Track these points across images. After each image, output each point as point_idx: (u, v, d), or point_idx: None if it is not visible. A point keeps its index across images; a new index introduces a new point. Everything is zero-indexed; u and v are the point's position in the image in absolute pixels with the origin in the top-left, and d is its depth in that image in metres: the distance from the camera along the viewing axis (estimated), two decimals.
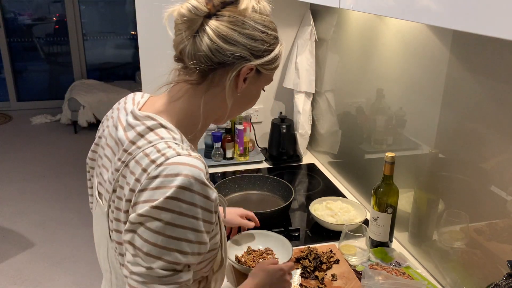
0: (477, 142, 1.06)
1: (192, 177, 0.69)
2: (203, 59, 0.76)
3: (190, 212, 0.69)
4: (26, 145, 4.44)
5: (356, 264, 1.26)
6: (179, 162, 0.70)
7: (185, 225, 0.69)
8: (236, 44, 0.76)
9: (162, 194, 0.68)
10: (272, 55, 0.81)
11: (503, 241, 1.00)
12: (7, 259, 2.73)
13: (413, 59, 1.29)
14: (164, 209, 0.68)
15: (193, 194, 0.69)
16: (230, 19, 0.77)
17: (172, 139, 0.75)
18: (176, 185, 0.68)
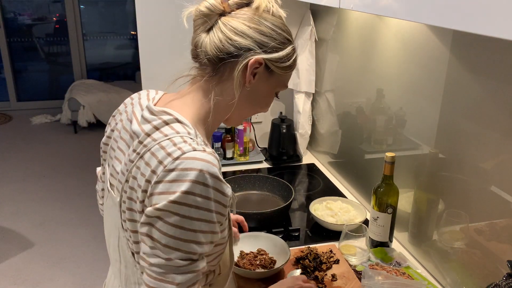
0: (477, 142, 1.06)
1: (206, 172, 0.71)
2: (214, 50, 0.81)
3: (205, 205, 0.72)
4: (26, 145, 4.44)
5: (356, 264, 1.26)
6: (195, 157, 0.72)
7: (200, 218, 0.72)
8: (244, 36, 0.80)
9: (178, 187, 0.70)
10: (282, 53, 0.83)
11: (503, 241, 1.00)
12: (7, 259, 2.73)
13: (413, 59, 1.29)
14: (181, 203, 0.70)
15: (207, 188, 0.72)
16: (242, 15, 0.82)
17: (187, 134, 0.77)
18: (192, 179, 0.70)
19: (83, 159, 4.09)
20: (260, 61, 0.81)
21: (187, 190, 0.70)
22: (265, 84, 0.85)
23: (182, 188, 0.70)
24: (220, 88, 0.84)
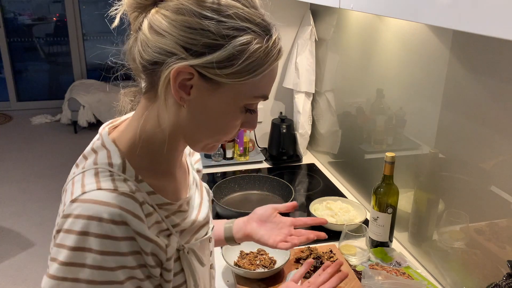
0: (477, 142, 1.06)
1: (97, 218, 0.56)
2: (137, 58, 0.62)
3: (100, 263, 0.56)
4: (26, 145, 4.43)
5: (356, 264, 1.26)
6: (92, 199, 0.57)
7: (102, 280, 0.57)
8: (165, 36, 0.58)
9: (68, 241, 0.56)
10: (221, 53, 0.57)
11: (503, 241, 1.00)
12: (7, 259, 2.73)
13: (413, 59, 1.29)
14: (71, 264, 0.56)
15: (106, 240, 0.56)
16: (171, 4, 0.59)
17: (107, 165, 0.62)
18: (78, 230, 0.56)
19: None
20: (186, 70, 0.58)
21: (76, 245, 0.56)
22: (213, 99, 0.61)
23: (70, 243, 0.56)
24: (160, 106, 0.64)
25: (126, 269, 0.59)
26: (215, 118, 0.63)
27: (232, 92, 0.61)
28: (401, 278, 1.15)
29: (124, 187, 0.60)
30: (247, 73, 0.60)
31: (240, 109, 0.63)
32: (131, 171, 0.64)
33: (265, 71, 0.61)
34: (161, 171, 0.70)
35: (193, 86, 0.60)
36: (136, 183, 0.63)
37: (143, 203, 0.62)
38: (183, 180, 0.78)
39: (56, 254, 0.57)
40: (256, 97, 0.63)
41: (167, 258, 0.65)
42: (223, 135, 0.66)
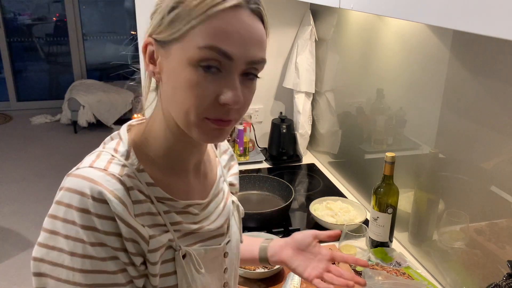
0: (477, 142, 1.06)
1: (80, 192, 0.59)
2: None
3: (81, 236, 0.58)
4: (26, 145, 4.43)
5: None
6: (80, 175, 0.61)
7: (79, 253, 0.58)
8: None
9: (57, 212, 0.60)
10: (160, 12, 0.61)
11: (503, 241, 1.00)
12: (7, 259, 2.73)
13: (413, 59, 1.29)
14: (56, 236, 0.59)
15: (80, 213, 0.58)
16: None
17: (112, 150, 0.67)
18: (65, 202, 0.60)
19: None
20: (148, 42, 0.63)
21: (63, 217, 0.59)
22: (170, 63, 0.61)
23: (58, 213, 0.60)
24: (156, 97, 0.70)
25: (108, 248, 0.59)
26: (178, 84, 0.60)
27: (179, 49, 0.59)
28: (401, 278, 1.15)
29: (115, 169, 0.62)
30: (178, 24, 0.58)
31: (192, 65, 0.58)
32: (133, 160, 0.66)
33: (197, 18, 0.57)
34: (169, 167, 0.70)
35: (158, 56, 0.63)
36: (135, 171, 0.65)
37: (131, 188, 0.63)
38: (202, 186, 0.77)
39: (46, 224, 0.61)
40: (200, 49, 0.57)
41: (149, 250, 0.64)
42: (191, 103, 0.60)
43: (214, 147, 0.86)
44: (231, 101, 0.59)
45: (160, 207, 0.67)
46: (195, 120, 0.61)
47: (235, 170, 0.91)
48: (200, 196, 0.76)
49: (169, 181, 0.70)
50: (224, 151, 0.89)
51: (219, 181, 0.82)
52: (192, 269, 0.70)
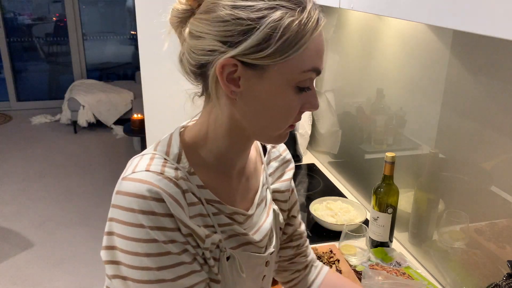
0: (477, 142, 1.06)
1: (141, 195, 0.60)
2: (188, 66, 0.66)
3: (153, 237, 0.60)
4: (26, 145, 4.43)
5: (356, 264, 1.26)
6: (138, 178, 0.61)
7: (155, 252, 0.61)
8: (204, 36, 0.61)
9: (121, 216, 0.61)
10: (258, 35, 0.57)
11: (503, 241, 1.00)
12: (7, 259, 2.73)
13: (413, 59, 1.29)
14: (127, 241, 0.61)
15: (145, 215, 0.60)
16: (203, 7, 0.62)
17: (164, 153, 0.67)
18: (127, 207, 0.61)
19: (83, 159, 4.09)
20: (229, 62, 0.59)
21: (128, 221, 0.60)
22: (263, 85, 0.61)
23: (123, 218, 0.61)
24: (220, 107, 0.67)
25: (178, 243, 0.62)
26: (271, 105, 0.63)
27: (279, 72, 0.60)
28: (401, 278, 1.15)
29: (170, 172, 0.63)
30: (286, 49, 0.59)
31: (293, 89, 0.62)
32: (185, 163, 0.67)
33: (306, 43, 0.59)
34: (217, 170, 0.71)
35: (241, 77, 0.61)
36: (187, 174, 0.66)
37: (187, 191, 0.65)
38: (244, 191, 0.77)
39: (110, 227, 0.62)
40: (304, 72, 0.61)
41: (204, 247, 0.66)
42: (284, 121, 0.65)
43: (262, 155, 0.84)
44: (316, 108, 0.66)
45: (210, 208, 0.69)
46: (282, 132, 0.67)
47: (286, 176, 0.88)
48: (242, 200, 0.77)
49: (216, 184, 0.71)
50: (275, 158, 0.87)
51: (262, 189, 0.81)
52: (233, 272, 0.72)
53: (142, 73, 1.94)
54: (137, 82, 5.10)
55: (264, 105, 0.63)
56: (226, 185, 0.73)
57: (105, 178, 3.73)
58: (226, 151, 0.70)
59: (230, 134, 0.68)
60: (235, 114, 0.65)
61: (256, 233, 0.77)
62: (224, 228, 0.71)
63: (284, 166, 0.88)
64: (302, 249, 0.95)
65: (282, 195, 0.87)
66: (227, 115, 0.66)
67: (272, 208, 0.84)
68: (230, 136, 0.68)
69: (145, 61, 1.91)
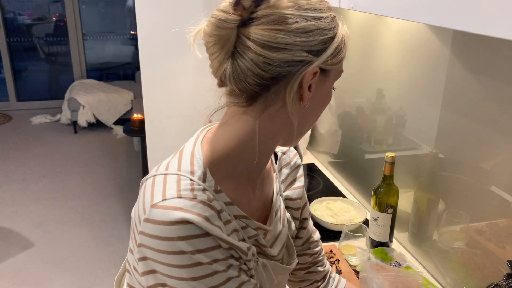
0: (477, 142, 1.06)
1: (172, 222, 0.59)
2: (251, 79, 0.61)
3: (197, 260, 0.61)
4: (26, 145, 4.43)
5: (356, 264, 1.26)
6: (173, 206, 0.60)
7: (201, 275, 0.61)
8: (287, 48, 0.60)
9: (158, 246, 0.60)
10: (335, 43, 0.63)
11: (503, 241, 1.00)
12: (7, 259, 2.73)
13: (413, 59, 1.29)
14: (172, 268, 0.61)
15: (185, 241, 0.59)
16: (270, 18, 0.59)
17: (189, 173, 0.64)
18: (165, 236, 0.59)
19: (83, 159, 4.09)
20: (314, 71, 0.62)
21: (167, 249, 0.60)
22: (323, 88, 0.67)
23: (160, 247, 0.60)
24: (267, 116, 0.65)
25: (221, 261, 0.63)
26: (322, 104, 0.69)
27: (334, 74, 0.67)
28: (397, 269, 1.15)
29: (202, 196, 0.62)
30: (344, 55, 0.66)
31: (331, 85, 0.69)
32: (210, 181, 0.66)
33: (345, 45, 0.66)
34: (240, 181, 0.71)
35: (312, 84, 0.64)
36: (214, 193, 0.65)
37: (221, 211, 0.65)
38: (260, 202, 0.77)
39: (143, 253, 0.62)
40: (340, 73, 0.69)
41: (247, 260, 0.68)
42: (320, 113, 0.71)
43: (274, 161, 0.84)
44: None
45: (239, 223, 0.70)
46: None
47: (298, 183, 0.89)
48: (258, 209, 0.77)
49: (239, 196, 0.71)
50: (286, 164, 0.86)
51: (276, 198, 0.81)
52: (267, 279, 0.74)
53: (142, 73, 1.94)
54: (137, 82, 5.10)
55: (319, 105, 0.69)
56: (247, 195, 0.73)
57: (105, 178, 3.73)
58: (256, 161, 0.69)
59: (266, 143, 0.68)
60: (296, 120, 0.66)
61: (274, 246, 0.79)
62: (252, 241, 0.73)
63: (295, 172, 0.88)
64: (319, 258, 0.95)
65: (294, 202, 0.87)
66: (282, 121, 0.66)
67: (286, 219, 0.84)
68: (265, 145, 0.68)
69: (145, 61, 1.92)
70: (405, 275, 1.11)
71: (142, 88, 1.97)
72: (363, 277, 1.10)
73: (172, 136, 2.11)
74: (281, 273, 0.80)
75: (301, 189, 0.88)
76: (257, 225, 0.73)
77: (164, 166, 0.68)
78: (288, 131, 0.68)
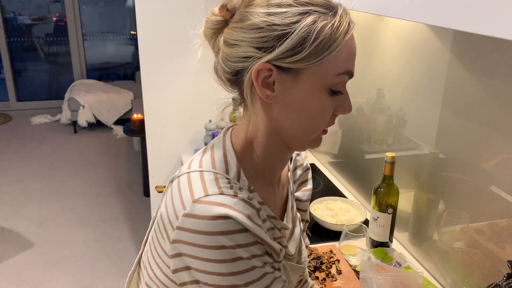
0: (477, 142, 1.06)
1: (222, 217, 0.59)
2: (222, 74, 0.67)
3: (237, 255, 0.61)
4: (26, 145, 4.43)
5: (356, 264, 1.26)
6: (217, 202, 0.60)
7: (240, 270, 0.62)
8: (239, 44, 0.62)
9: (200, 240, 0.60)
10: (292, 40, 0.59)
11: (503, 241, 1.00)
12: (7, 259, 2.73)
13: (413, 59, 1.29)
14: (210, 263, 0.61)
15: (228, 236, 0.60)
16: (237, 17, 0.63)
17: (224, 172, 0.66)
18: (208, 231, 0.59)
19: (83, 159, 4.09)
20: (264, 67, 0.61)
21: (210, 244, 0.60)
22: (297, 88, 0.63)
23: (202, 242, 0.60)
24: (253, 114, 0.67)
25: (259, 257, 0.63)
26: (305, 108, 0.64)
27: (312, 76, 0.62)
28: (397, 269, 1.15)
29: (242, 194, 0.64)
30: (320, 52, 0.60)
31: (326, 92, 0.63)
32: (244, 181, 0.67)
33: (339, 46, 0.61)
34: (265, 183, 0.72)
35: (275, 81, 0.62)
36: (249, 193, 0.66)
37: (260, 210, 0.66)
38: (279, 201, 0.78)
39: (179, 249, 0.62)
40: (338, 75, 0.62)
41: (279, 261, 0.69)
42: (317, 124, 0.67)
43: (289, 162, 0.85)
44: (349, 111, 0.67)
45: (269, 224, 0.71)
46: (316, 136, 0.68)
47: (308, 186, 0.89)
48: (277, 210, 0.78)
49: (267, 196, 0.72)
50: (299, 165, 0.88)
51: (291, 198, 0.82)
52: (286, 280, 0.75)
53: (142, 73, 1.94)
54: (137, 82, 5.10)
55: (298, 108, 0.64)
56: (273, 196, 0.74)
57: (105, 178, 3.73)
58: (268, 159, 0.70)
59: (268, 141, 0.68)
60: (271, 119, 0.66)
61: (289, 245, 0.79)
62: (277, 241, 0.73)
63: (306, 174, 0.89)
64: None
65: (302, 204, 0.88)
66: (264, 120, 0.67)
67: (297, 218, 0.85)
68: (269, 143, 0.69)
69: (145, 61, 1.92)
70: (405, 275, 1.11)
71: (142, 88, 1.97)
72: (363, 277, 1.10)
73: (172, 136, 2.11)
74: (295, 273, 0.81)
75: (310, 191, 0.89)
76: (282, 225, 0.74)
77: (196, 163, 0.68)
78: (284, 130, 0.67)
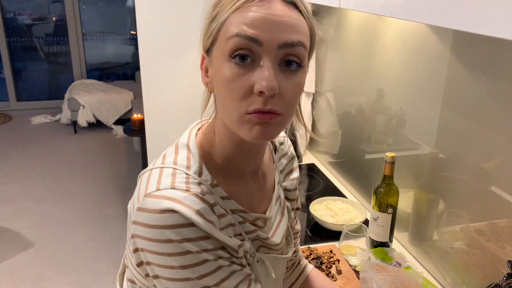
0: (477, 142, 1.06)
1: (168, 210, 0.59)
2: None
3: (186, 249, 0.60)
4: (26, 145, 4.43)
5: (356, 264, 1.26)
6: (164, 195, 0.60)
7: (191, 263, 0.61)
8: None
9: (149, 234, 0.60)
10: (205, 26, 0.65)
11: (503, 241, 1.00)
12: (7, 259, 2.73)
13: (413, 59, 1.29)
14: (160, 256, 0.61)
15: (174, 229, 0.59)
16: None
17: (185, 168, 0.66)
18: (154, 224, 0.59)
19: (83, 159, 4.08)
20: (202, 56, 0.67)
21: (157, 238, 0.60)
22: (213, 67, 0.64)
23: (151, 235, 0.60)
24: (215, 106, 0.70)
25: (211, 251, 0.62)
26: (219, 81, 0.61)
27: (216, 50, 0.62)
28: (398, 269, 1.15)
29: (196, 188, 0.63)
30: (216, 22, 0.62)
31: (226, 60, 0.60)
32: (206, 175, 0.67)
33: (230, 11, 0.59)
34: (234, 176, 0.71)
35: (207, 66, 0.66)
36: (210, 187, 0.66)
37: (215, 205, 0.65)
38: (262, 194, 0.78)
39: (136, 244, 0.62)
40: (228, 39, 0.59)
41: (239, 257, 0.68)
42: (234, 99, 0.60)
43: (273, 152, 0.84)
44: (264, 87, 0.57)
45: (236, 218, 0.70)
46: (237, 116, 0.61)
47: (295, 174, 0.88)
48: (260, 201, 0.77)
49: (236, 191, 0.71)
50: (283, 154, 0.87)
51: (277, 189, 0.82)
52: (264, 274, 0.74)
53: (142, 73, 1.94)
54: (137, 82, 5.10)
55: (218, 85, 0.63)
56: (244, 189, 0.73)
57: (105, 178, 3.73)
58: (227, 151, 0.69)
59: (226, 134, 0.68)
60: (218, 107, 0.67)
61: (275, 235, 0.79)
62: (250, 236, 0.73)
63: (291, 163, 0.89)
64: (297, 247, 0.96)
65: (290, 193, 0.88)
66: (217, 111, 0.68)
67: (286, 209, 0.85)
68: (228, 137, 0.68)
69: (145, 61, 1.91)
70: (405, 275, 1.11)
71: (142, 88, 1.96)
72: (363, 277, 1.10)
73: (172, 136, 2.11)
74: (280, 263, 0.81)
75: (297, 180, 0.89)
76: (255, 216, 0.73)
77: (160, 160, 0.69)
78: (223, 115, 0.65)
